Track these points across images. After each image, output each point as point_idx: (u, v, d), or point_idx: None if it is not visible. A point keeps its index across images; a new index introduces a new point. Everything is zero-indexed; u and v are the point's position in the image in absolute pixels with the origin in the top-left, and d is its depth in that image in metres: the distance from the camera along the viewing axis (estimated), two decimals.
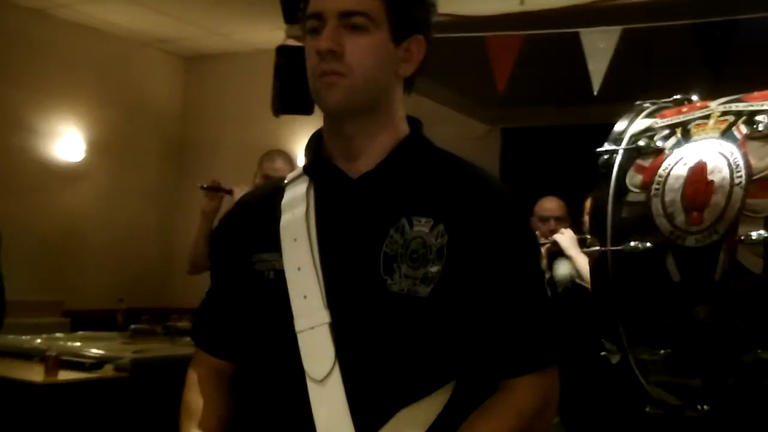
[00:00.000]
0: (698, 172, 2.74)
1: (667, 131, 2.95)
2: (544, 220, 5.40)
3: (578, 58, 5.08)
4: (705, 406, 2.83)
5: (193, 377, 2.10)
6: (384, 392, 1.82)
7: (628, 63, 5.35)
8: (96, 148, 8.29)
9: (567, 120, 8.44)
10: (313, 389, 1.83)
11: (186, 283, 5.93)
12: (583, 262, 4.86)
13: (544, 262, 4.97)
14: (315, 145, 2.04)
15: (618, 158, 3.00)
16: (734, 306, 2.65)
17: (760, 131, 2.68)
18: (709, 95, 3.26)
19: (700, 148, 2.80)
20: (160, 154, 8.84)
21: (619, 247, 2.86)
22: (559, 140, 8.72)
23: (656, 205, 2.81)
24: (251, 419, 2.01)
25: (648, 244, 2.80)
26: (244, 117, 8.37)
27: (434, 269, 1.83)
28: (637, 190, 2.89)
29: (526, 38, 5.26)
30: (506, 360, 1.88)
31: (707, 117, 2.89)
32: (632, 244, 2.82)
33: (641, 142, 2.96)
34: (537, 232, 5.19)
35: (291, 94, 5.55)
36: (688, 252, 2.71)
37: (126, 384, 4.91)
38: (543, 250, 5.00)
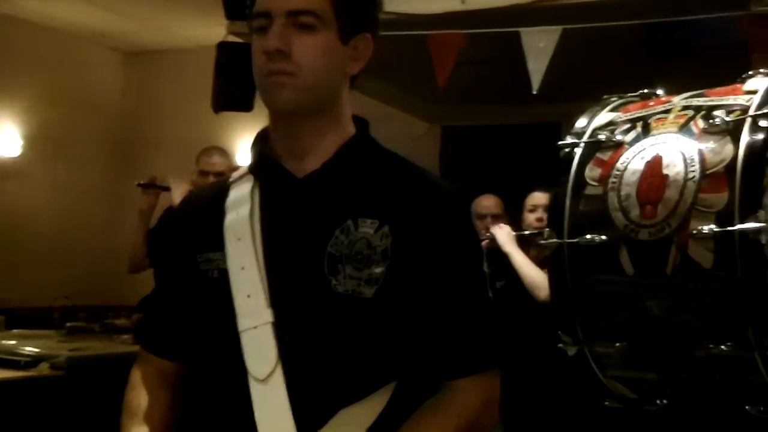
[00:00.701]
0: (654, 166, 2.76)
1: (628, 125, 2.96)
2: (481, 217, 5.42)
3: (519, 57, 5.11)
4: (663, 401, 2.85)
5: (136, 377, 2.08)
6: (326, 392, 1.82)
7: (569, 62, 5.39)
8: (35, 143, 8.20)
9: (507, 119, 8.49)
10: (255, 388, 1.82)
11: (126, 281, 5.89)
12: (520, 259, 4.90)
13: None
14: (261, 144, 2.02)
15: (579, 152, 3.00)
16: (685, 301, 2.67)
17: (717, 125, 2.70)
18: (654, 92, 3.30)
19: (658, 143, 2.81)
20: (101, 149, 8.76)
21: (575, 240, 2.87)
22: (498, 139, 8.78)
23: (612, 199, 2.82)
24: (195, 418, 1.99)
25: (603, 238, 2.81)
26: (185, 113, 8.32)
27: (379, 270, 1.83)
28: (595, 184, 2.89)
29: (467, 37, 5.28)
30: (448, 361, 1.89)
31: (668, 111, 2.90)
32: (588, 237, 2.83)
33: (602, 136, 2.97)
34: None
35: (231, 90, 5.53)
36: (641, 246, 2.73)
37: (62, 383, 4.85)
38: (482, 247, 5.02)
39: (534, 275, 4.80)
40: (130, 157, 8.68)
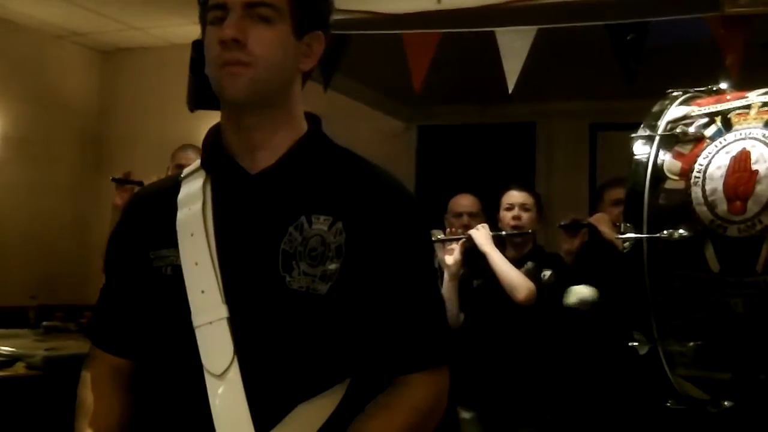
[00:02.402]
0: (741, 161, 2.72)
1: (705, 119, 2.91)
2: (458, 216, 5.44)
3: (494, 57, 5.12)
4: (727, 403, 2.81)
5: (88, 376, 2.09)
6: (282, 387, 1.84)
7: (544, 63, 5.41)
8: (8, 142, 8.13)
9: (483, 118, 8.51)
10: (211, 384, 1.84)
11: (101, 280, 5.86)
12: (498, 259, 4.90)
13: (459, 258, 5.01)
14: (213, 140, 2.04)
15: (655, 144, 2.96)
16: None
17: None
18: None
19: (743, 138, 2.78)
20: (75, 148, 8.70)
21: (656, 235, 2.83)
22: (475, 138, 8.80)
23: (696, 194, 2.75)
24: (151, 415, 1.99)
25: (687, 233, 2.78)
26: (160, 112, 8.28)
27: (333, 267, 1.85)
28: (676, 178, 2.84)
29: (442, 37, 5.29)
30: (400, 357, 1.91)
31: (747, 107, 2.88)
32: (670, 231, 2.80)
33: (678, 130, 2.93)
34: (452, 229, 5.23)
35: (206, 89, 5.48)
36: (729, 242, 2.67)
37: (38, 382, 4.85)
38: (458, 245, 5.04)
39: (512, 276, 4.80)
40: (104, 155, 8.64)
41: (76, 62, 8.82)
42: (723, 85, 3.13)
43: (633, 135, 3.01)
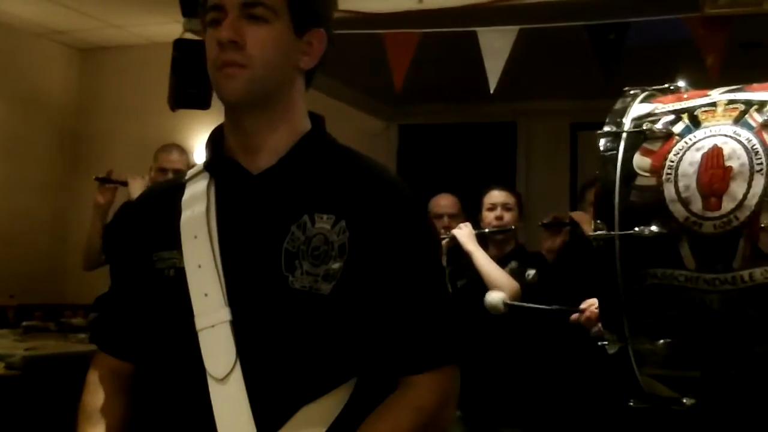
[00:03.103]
0: (714, 157, 2.72)
1: (672, 116, 2.92)
2: (438, 216, 5.44)
3: (475, 56, 5.13)
4: (687, 400, 2.82)
5: (92, 378, 2.08)
6: (285, 390, 1.82)
7: (525, 63, 5.41)
8: None
9: (464, 118, 8.52)
10: (213, 387, 1.82)
11: (81, 279, 5.85)
12: (482, 258, 4.91)
13: (443, 258, 5.02)
14: (216, 141, 2.03)
15: (622, 141, 2.96)
16: (752, 295, 2.67)
17: None
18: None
19: (713, 135, 2.80)
20: (54, 147, 8.67)
21: (629, 232, 2.83)
22: (455, 137, 8.81)
23: (669, 191, 2.76)
24: (153, 419, 1.97)
25: (661, 230, 2.79)
26: (140, 110, 8.27)
27: (336, 266, 1.84)
28: (647, 174, 2.85)
29: (424, 36, 5.29)
30: (406, 357, 1.89)
31: (713, 105, 2.90)
32: (643, 229, 2.80)
33: (645, 126, 2.94)
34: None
35: (188, 88, 5.49)
36: (705, 239, 2.67)
37: (17, 382, 4.82)
38: (442, 244, 5.05)
39: (497, 275, 4.81)
40: (83, 154, 8.61)
41: (55, 60, 8.80)
42: (680, 83, 3.15)
43: (599, 132, 3.03)
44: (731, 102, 2.84)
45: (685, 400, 2.80)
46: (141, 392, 2.09)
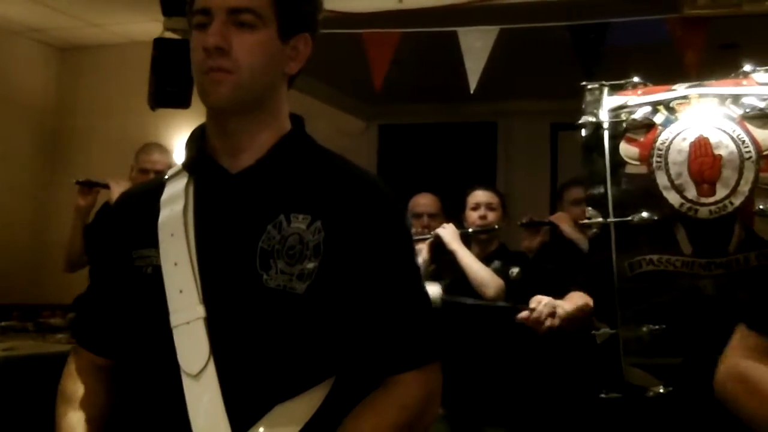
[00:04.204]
0: (701, 146, 2.79)
1: (648, 108, 2.96)
2: (417, 216, 5.46)
3: (456, 56, 5.13)
4: (666, 389, 2.83)
5: (72, 367, 2.10)
6: (260, 387, 1.83)
7: (505, 63, 5.42)
8: None
9: (444, 117, 8.54)
10: (188, 384, 1.83)
11: (60, 279, 5.82)
12: (466, 256, 4.92)
13: (427, 257, 5.04)
14: (197, 141, 2.04)
15: (606, 131, 2.98)
16: (745, 278, 2.70)
17: (760, 110, 2.80)
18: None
19: (696, 125, 2.85)
20: (32, 146, 8.64)
21: (627, 219, 2.85)
22: (436, 137, 8.82)
23: (661, 178, 2.82)
24: (129, 414, 1.99)
25: (656, 216, 2.81)
26: (120, 110, 8.25)
27: (311, 266, 1.85)
28: (636, 163, 2.88)
29: (403, 36, 5.30)
30: (389, 357, 1.90)
31: (685, 98, 2.94)
32: (639, 215, 2.82)
33: (623, 117, 2.96)
34: (413, 230, 5.25)
35: (168, 87, 5.48)
36: (701, 224, 2.75)
37: None
38: (426, 244, 5.07)
39: (481, 273, 4.83)
40: (64, 154, 8.58)
41: (34, 59, 8.76)
42: (635, 79, 3.18)
43: (580, 122, 3.05)
44: (703, 95, 2.90)
45: (661, 389, 2.83)
46: (120, 387, 2.09)
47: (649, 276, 2.84)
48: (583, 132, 3.04)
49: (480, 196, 5.18)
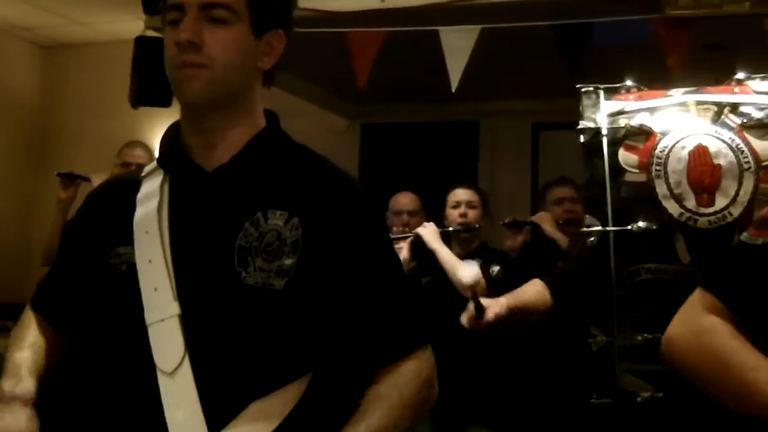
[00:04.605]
0: (701, 155, 2.78)
1: (646, 114, 2.95)
2: (398, 214, 5.49)
3: (438, 56, 5.15)
4: (657, 394, 2.83)
5: (26, 316, 2.16)
6: (236, 384, 1.83)
7: (487, 62, 5.44)
8: None
9: (427, 117, 8.54)
10: (163, 381, 1.83)
11: (43, 275, 5.81)
12: (447, 256, 4.94)
13: (408, 256, 5.05)
14: (171, 138, 2.04)
15: (604, 137, 2.97)
16: None
17: (757, 120, 2.79)
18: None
19: (695, 134, 2.84)
20: (17, 144, 8.61)
21: (627, 227, 2.84)
22: (418, 136, 8.82)
23: (661, 187, 2.81)
24: (103, 411, 1.97)
25: (654, 225, 2.80)
26: (104, 108, 8.21)
27: (289, 262, 1.85)
28: (636, 170, 2.87)
29: (386, 35, 5.31)
30: (378, 348, 1.91)
31: (684, 104, 2.93)
32: (637, 224, 2.82)
33: (621, 123, 2.95)
34: (394, 229, 5.28)
35: (150, 85, 5.47)
36: (700, 234, 2.74)
37: None
38: (406, 243, 5.08)
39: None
40: (47, 151, 8.55)
41: (19, 57, 8.73)
42: (628, 82, 3.19)
43: (579, 127, 3.04)
44: (701, 103, 2.89)
45: (651, 394, 2.82)
46: (93, 384, 2.09)
47: (647, 284, 2.83)
48: (582, 138, 3.03)
49: (460, 194, 5.19)
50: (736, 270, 1.98)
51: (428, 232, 5.06)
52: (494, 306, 3.51)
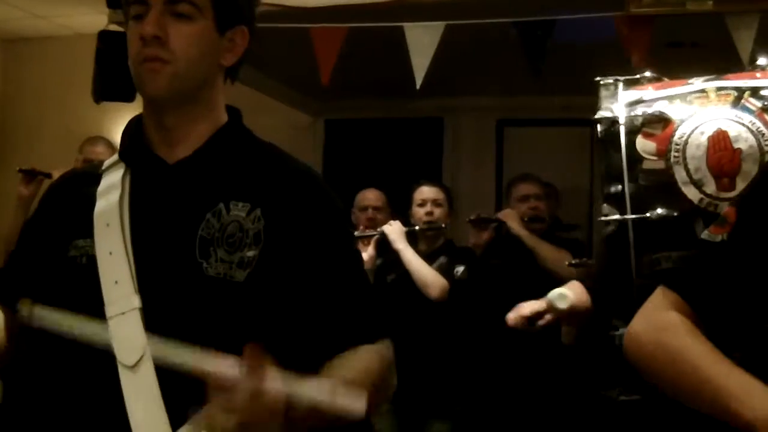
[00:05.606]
0: (720, 140, 2.75)
1: (665, 102, 2.94)
2: (363, 209, 5.51)
3: (402, 52, 5.14)
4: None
5: None
6: (198, 377, 1.82)
7: (451, 59, 5.44)
8: None
9: (391, 113, 8.53)
10: (124, 375, 1.82)
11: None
12: (411, 257, 4.96)
13: (373, 254, 5.06)
14: (133, 131, 2.04)
15: (622, 125, 2.95)
16: None
17: None
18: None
19: (714, 118, 2.82)
20: None
21: (644, 216, 2.83)
22: (382, 133, 8.82)
23: (680, 173, 2.79)
24: (64, 406, 1.95)
25: (675, 212, 2.79)
26: (65, 103, 8.15)
27: (251, 254, 1.86)
28: (654, 158, 2.85)
29: (351, 31, 5.30)
30: (340, 334, 1.90)
31: (703, 91, 2.92)
32: (656, 212, 2.81)
33: (639, 111, 2.94)
34: (360, 226, 5.29)
35: (113, 80, 5.44)
36: None
37: None
38: (373, 241, 5.09)
39: (425, 273, 4.88)
40: (6, 146, 8.47)
41: None
42: (647, 74, 3.18)
43: (596, 117, 3.03)
44: (721, 89, 2.88)
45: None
46: (49, 381, 2.06)
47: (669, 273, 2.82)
48: (599, 127, 3.02)
49: (426, 192, 5.21)
50: (696, 267, 1.98)
51: (394, 231, 5.07)
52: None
